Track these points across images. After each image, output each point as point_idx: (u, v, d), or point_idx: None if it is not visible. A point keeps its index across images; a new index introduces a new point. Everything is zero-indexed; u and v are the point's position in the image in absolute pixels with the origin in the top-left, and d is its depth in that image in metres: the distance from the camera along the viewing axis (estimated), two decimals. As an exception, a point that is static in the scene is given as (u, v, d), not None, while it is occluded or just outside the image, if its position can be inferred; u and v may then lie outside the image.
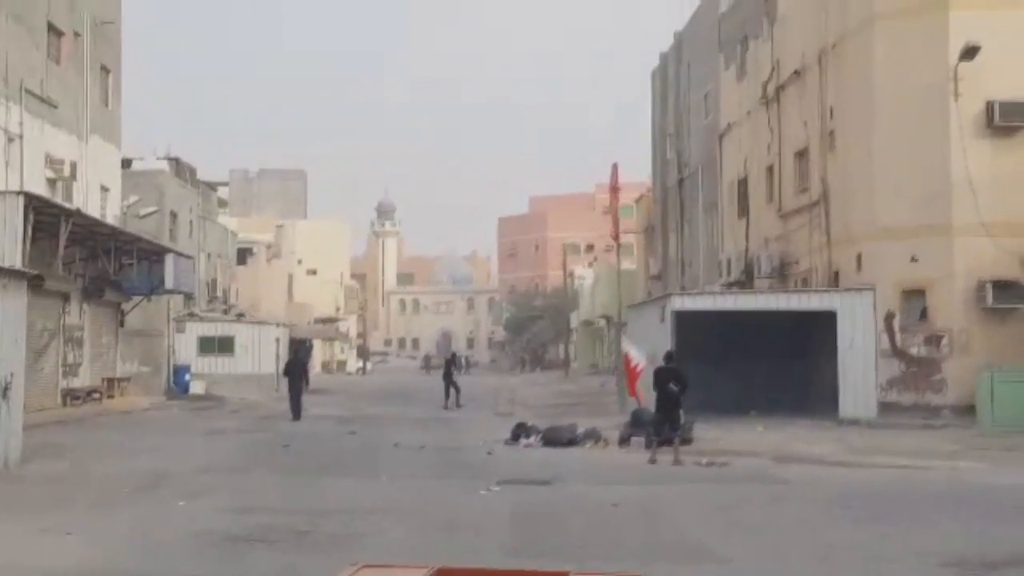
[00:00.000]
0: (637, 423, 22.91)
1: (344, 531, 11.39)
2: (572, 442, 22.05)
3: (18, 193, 24.55)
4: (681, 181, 48.20)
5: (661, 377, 19.88)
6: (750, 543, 10.95)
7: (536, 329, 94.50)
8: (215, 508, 12.97)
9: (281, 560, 9.68)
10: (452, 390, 35.76)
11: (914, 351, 26.37)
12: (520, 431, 23.20)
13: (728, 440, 21.98)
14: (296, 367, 29.87)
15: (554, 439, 22.20)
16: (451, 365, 37.63)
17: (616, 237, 40.73)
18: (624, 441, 21.99)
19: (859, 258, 27.98)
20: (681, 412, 19.63)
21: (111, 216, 34.85)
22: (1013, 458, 19.09)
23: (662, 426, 19.50)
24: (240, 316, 51.99)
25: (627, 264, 73.32)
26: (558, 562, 8.19)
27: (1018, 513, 12.89)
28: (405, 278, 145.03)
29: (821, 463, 18.52)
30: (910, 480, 16.34)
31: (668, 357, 21.07)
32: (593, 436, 22.58)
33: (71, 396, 30.16)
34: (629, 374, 23.69)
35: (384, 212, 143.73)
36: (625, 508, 13.35)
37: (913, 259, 26.06)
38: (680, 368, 20.35)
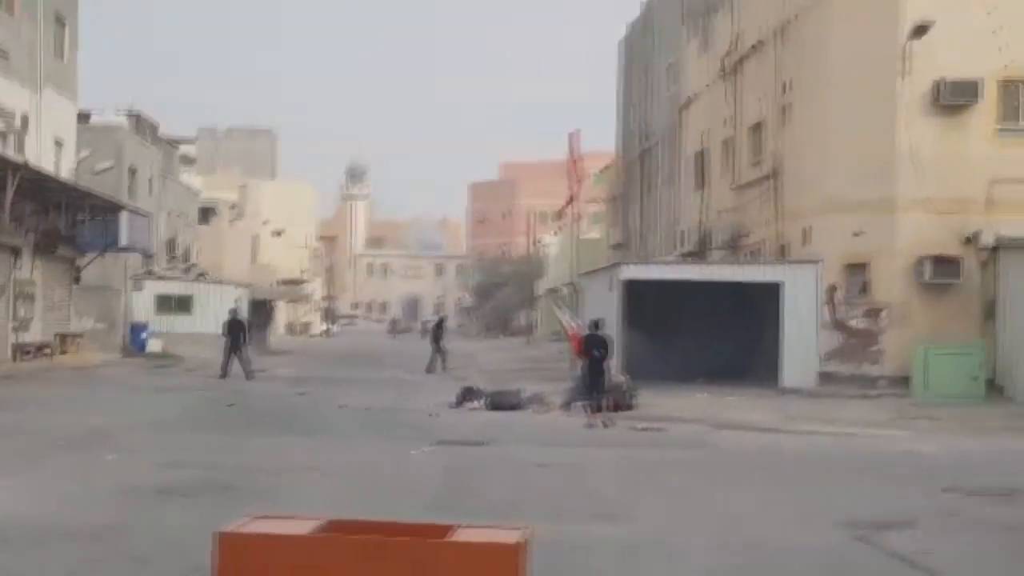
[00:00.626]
0: (579, 389, 23.29)
1: (269, 487, 11.59)
2: (517, 406, 22.36)
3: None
4: (644, 152, 48.42)
5: (588, 344, 20.56)
6: (660, 505, 11.24)
7: (502, 295, 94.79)
8: (147, 463, 13.14)
9: (199, 512, 9.86)
10: (439, 355, 35.73)
11: (854, 323, 26.83)
12: (467, 395, 23.44)
13: (669, 407, 22.32)
14: (234, 327, 29.80)
15: (500, 403, 22.49)
16: (439, 329, 37.71)
17: (568, 202, 40.95)
18: (566, 406, 22.30)
19: (806, 231, 28.36)
20: (606, 377, 20.31)
21: (65, 170, 34.66)
22: (938, 427, 19.61)
23: (590, 391, 20.21)
24: (200, 276, 51.92)
25: (595, 233, 73.73)
26: (469, 518, 8.35)
27: (927, 478, 13.27)
28: (375, 242, 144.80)
29: (754, 430, 18.93)
30: (835, 447, 16.74)
31: (594, 325, 21.88)
32: (538, 400, 22.89)
33: (21, 351, 30.11)
34: (571, 339, 24.07)
35: (355, 175, 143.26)
36: (551, 469, 13.64)
37: (856, 233, 26.43)
38: (605, 335, 21.10)
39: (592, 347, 20.44)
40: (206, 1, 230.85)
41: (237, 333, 29.68)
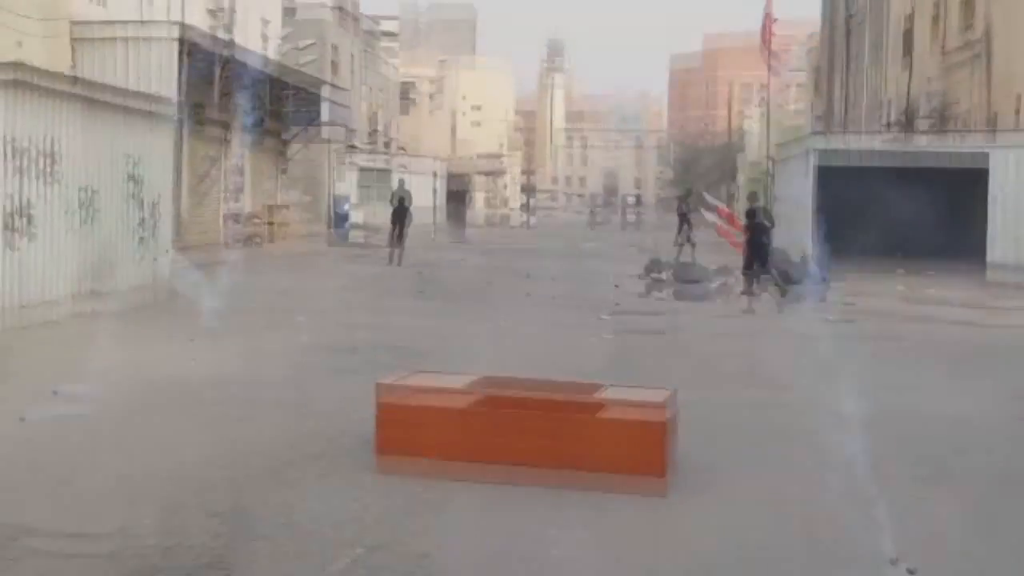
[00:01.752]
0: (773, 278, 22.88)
1: (435, 349, 12.12)
2: (702, 298, 21.82)
3: (173, 23, 25.50)
4: (849, 20, 46.35)
5: (754, 231, 19.99)
6: (818, 382, 11.13)
7: (703, 170, 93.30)
8: (333, 324, 13.90)
9: (368, 362, 10.53)
10: (686, 227, 31.26)
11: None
12: (653, 267, 23.42)
13: (864, 300, 21.56)
14: (400, 213, 28.86)
15: (686, 293, 21.91)
16: (686, 205, 32.99)
17: (768, 83, 39.73)
18: (755, 297, 21.83)
19: (1019, 99, 26.79)
20: (768, 257, 19.80)
21: (272, 51, 35.82)
22: None
23: (752, 271, 19.64)
24: (400, 150, 53.10)
25: (800, 105, 71.35)
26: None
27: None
28: (574, 116, 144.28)
29: (948, 322, 18.16)
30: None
31: (753, 213, 20.76)
32: (725, 292, 22.34)
33: (232, 238, 30.59)
34: (731, 223, 23.60)
35: (554, 49, 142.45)
36: (722, 353, 13.59)
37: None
38: (763, 219, 20.38)
39: (758, 234, 19.83)
40: None
41: (401, 217, 28.76)
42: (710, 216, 26.84)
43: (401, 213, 28.45)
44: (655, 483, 6.76)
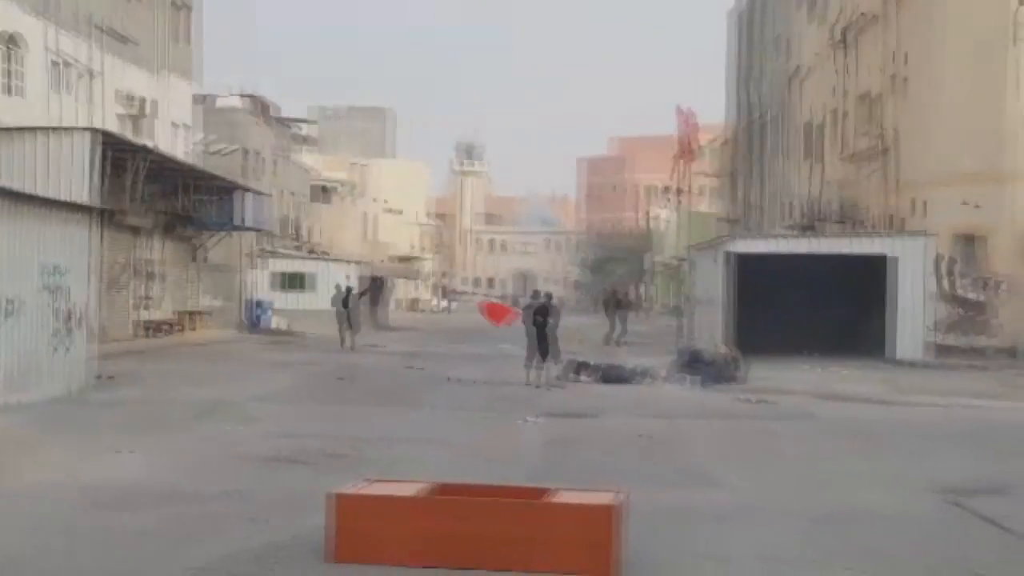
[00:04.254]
0: (686, 360, 23.44)
1: (378, 456, 12.05)
2: (627, 380, 22.43)
3: (86, 129, 25.37)
4: (756, 125, 47.94)
5: (534, 313, 22.06)
6: (753, 471, 11.41)
7: (612, 269, 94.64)
8: (263, 433, 13.73)
9: (311, 479, 10.35)
10: (618, 323, 35.30)
11: (968, 295, 26.44)
12: (578, 368, 23.71)
13: (777, 379, 22.26)
14: (341, 303, 32.49)
15: (609, 377, 22.60)
16: (615, 299, 37.95)
17: (675, 179, 40.88)
18: (677, 378, 22.37)
19: (915, 203, 27.96)
20: (551, 343, 21.68)
21: (187, 152, 35.83)
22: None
23: (534, 354, 21.49)
24: (311, 252, 53.05)
25: (706, 207, 73.16)
26: (570, 484, 8.60)
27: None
28: (488, 217, 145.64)
29: (859, 401, 18.92)
30: (940, 418, 16.68)
31: (535, 295, 24.22)
32: (647, 374, 22.93)
33: (148, 328, 31.25)
34: (496, 312, 24.98)
35: (467, 151, 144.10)
36: (651, 440, 13.83)
37: (967, 203, 26.02)
38: (548, 304, 22.85)
39: (536, 314, 21.89)
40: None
41: (344, 308, 32.21)
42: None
43: (345, 307, 32.30)
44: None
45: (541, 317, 21.97)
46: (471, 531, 7.04)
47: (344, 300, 32.86)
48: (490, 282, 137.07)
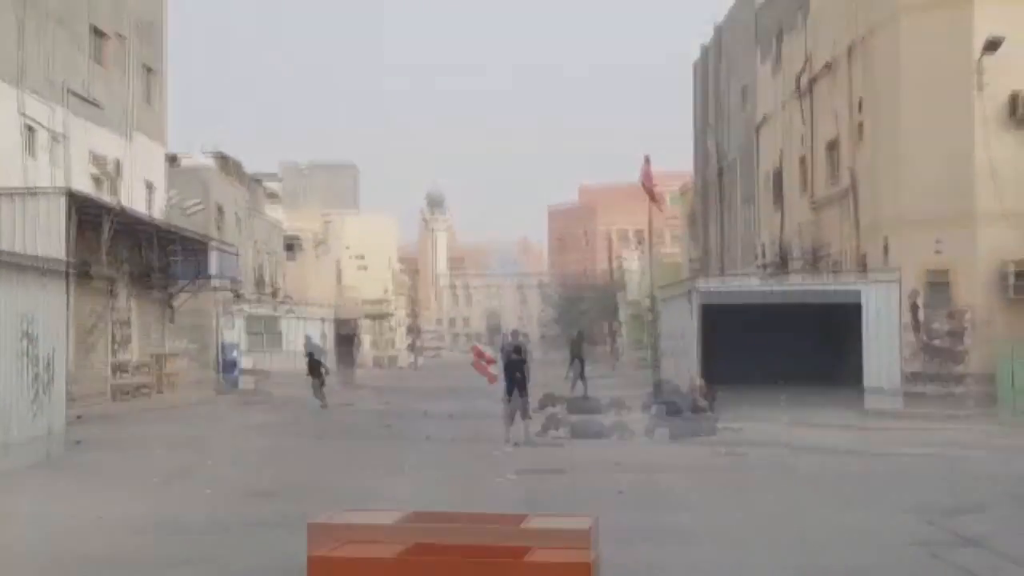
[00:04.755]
0: (664, 412, 23.61)
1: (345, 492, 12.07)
2: (600, 434, 22.48)
3: (61, 191, 25.52)
4: (721, 172, 48.49)
5: (509, 366, 22.07)
6: (728, 527, 11.50)
7: (584, 308, 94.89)
8: (239, 494, 13.73)
9: (284, 540, 10.39)
10: (578, 373, 35.41)
11: (938, 336, 26.80)
12: (550, 424, 23.73)
13: (751, 430, 22.38)
14: (314, 365, 32.71)
15: (583, 432, 22.63)
16: (579, 343, 38.27)
17: (648, 230, 41.20)
18: (649, 432, 22.48)
19: (886, 245, 28.33)
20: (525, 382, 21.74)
21: (157, 211, 35.90)
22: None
23: (511, 391, 21.54)
24: (281, 304, 53.03)
25: (675, 251, 73.67)
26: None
27: (1007, 495, 13.40)
28: (456, 262, 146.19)
29: (834, 453, 18.92)
30: (915, 467, 16.78)
31: (513, 334, 24.57)
32: (620, 429, 22.99)
33: (120, 391, 31.11)
34: (482, 363, 24.87)
35: (434, 202, 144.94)
36: (627, 495, 13.90)
37: (937, 244, 26.46)
38: (521, 344, 22.85)
39: (509, 354, 22.24)
40: (281, 43, 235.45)
41: (317, 367, 32.45)
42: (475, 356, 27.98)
43: (315, 365, 32.47)
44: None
45: (516, 355, 22.13)
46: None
47: (310, 355, 33.44)
48: (465, 321, 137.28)
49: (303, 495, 13.79)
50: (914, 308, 27.11)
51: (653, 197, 37.60)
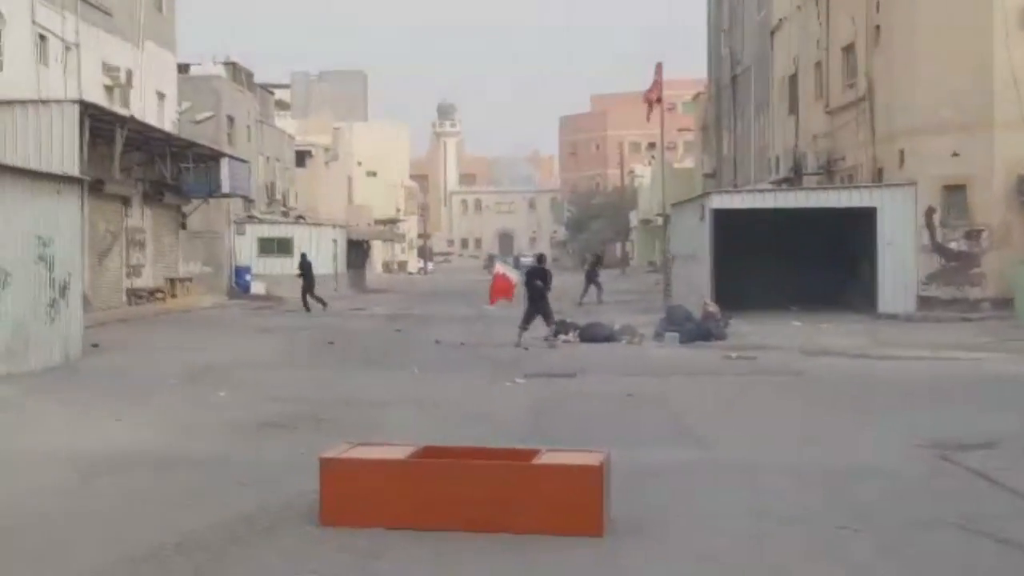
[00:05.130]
0: (672, 319, 23.60)
1: (363, 419, 12.14)
2: (609, 338, 22.63)
3: (74, 102, 25.39)
4: (735, 78, 47.91)
5: (530, 276, 22.62)
6: (738, 429, 11.55)
7: (596, 228, 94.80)
8: (250, 398, 13.87)
9: (296, 442, 10.50)
10: (594, 287, 37.62)
11: (954, 246, 26.64)
12: (559, 328, 23.83)
13: (761, 335, 22.48)
14: (304, 268, 34.51)
15: (591, 336, 22.77)
16: (596, 265, 40.79)
17: (660, 142, 40.84)
18: (658, 335, 22.57)
19: (901, 154, 28.03)
20: (547, 304, 22.12)
21: (168, 122, 35.71)
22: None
23: (532, 317, 21.84)
24: (299, 219, 53.06)
25: (688, 162, 73.20)
26: (555, 445, 8.74)
27: (1018, 401, 13.34)
28: (467, 179, 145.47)
29: (845, 355, 18.96)
30: (926, 371, 16.76)
31: (538, 259, 24.85)
32: (629, 332, 23.12)
33: (135, 296, 31.39)
34: (494, 284, 24.67)
35: (445, 112, 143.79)
36: (637, 399, 13.95)
37: (954, 154, 26.12)
38: (546, 268, 23.32)
39: (533, 278, 22.33)
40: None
41: (306, 273, 34.36)
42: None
43: (309, 280, 34.45)
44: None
45: (539, 280, 22.21)
46: (458, 494, 7.13)
47: (302, 266, 34.82)
48: (477, 243, 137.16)
49: (316, 398, 13.91)
50: (930, 225, 26.87)
51: (650, 109, 37.24)
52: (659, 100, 37.59)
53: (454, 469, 7.40)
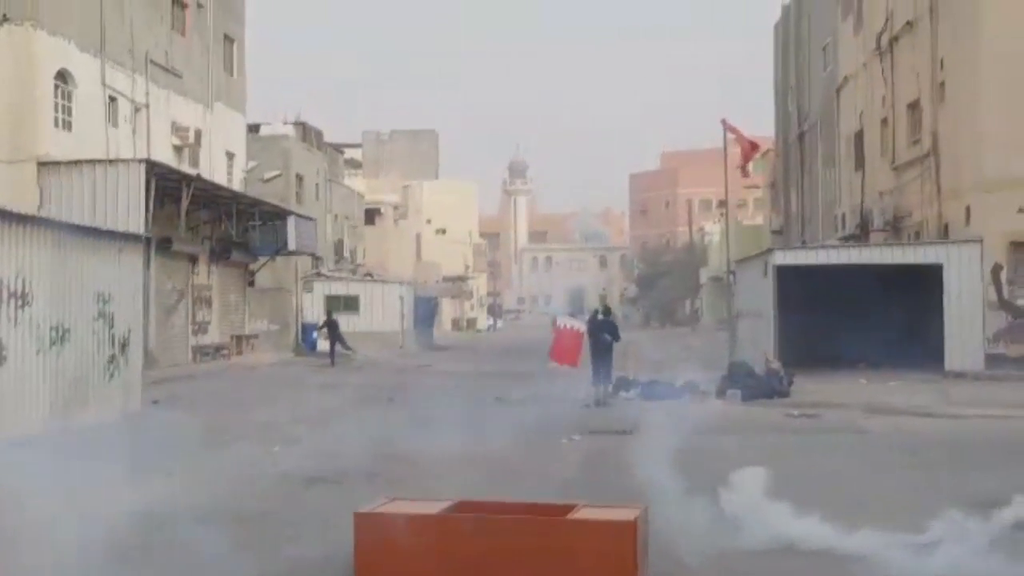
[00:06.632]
0: (734, 376, 23.31)
1: (411, 474, 12.15)
2: (671, 396, 22.39)
3: (140, 161, 26.07)
4: (802, 135, 47.71)
5: (595, 328, 22.26)
6: (782, 488, 11.29)
7: (665, 285, 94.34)
8: (304, 453, 13.93)
9: (344, 497, 10.50)
10: None
11: (1021, 303, 26.05)
12: (621, 384, 23.63)
13: (826, 392, 22.09)
14: (330, 325, 35.68)
15: (652, 393, 22.56)
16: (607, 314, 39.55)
17: (725, 193, 40.30)
18: (720, 393, 22.30)
19: (968, 210, 27.61)
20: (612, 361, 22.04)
21: (236, 180, 36.44)
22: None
23: (599, 372, 21.55)
24: (367, 275, 53.54)
25: (757, 219, 72.81)
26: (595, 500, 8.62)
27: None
28: (538, 236, 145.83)
29: (910, 414, 18.54)
30: (993, 431, 16.33)
31: (605, 311, 24.14)
32: (691, 389, 22.86)
33: (200, 352, 31.86)
34: (556, 342, 24.20)
35: (516, 170, 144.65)
36: (689, 456, 13.72)
37: (1020, 210, 25.68)
38: (613, 320, 23.17)
39: (600, 331, 22.10)
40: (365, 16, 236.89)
41: (334, 329, 35.14)
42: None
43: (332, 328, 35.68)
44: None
45: (606, 334, 22.13)
46: (491, 548, 7.09)
47: (326, 324, 35.90)
48: (547, 299, 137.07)
49: (363, 454, 13.89)
50: (997, 281, 26.36)
51: (752, 147, 36.39)
52: (755, 148, 36.91)
53: (486, 524, 7.36)
